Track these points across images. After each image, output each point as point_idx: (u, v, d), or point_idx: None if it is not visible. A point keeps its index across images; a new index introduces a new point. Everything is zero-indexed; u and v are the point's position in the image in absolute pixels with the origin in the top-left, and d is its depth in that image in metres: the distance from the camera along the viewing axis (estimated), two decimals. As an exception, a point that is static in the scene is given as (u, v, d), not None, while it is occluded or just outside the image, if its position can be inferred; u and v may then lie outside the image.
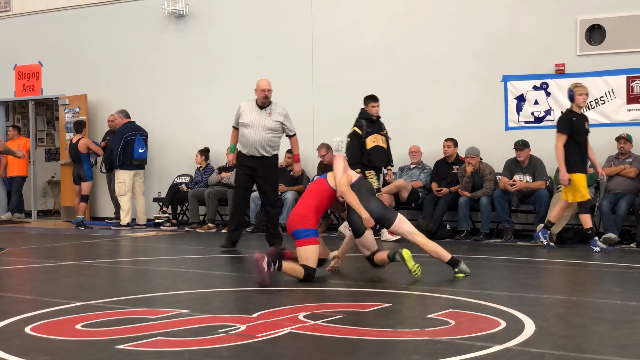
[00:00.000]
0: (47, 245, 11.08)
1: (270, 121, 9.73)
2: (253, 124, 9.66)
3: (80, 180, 13.88)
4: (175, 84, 14.30)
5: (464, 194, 11.14)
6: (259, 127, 9.67)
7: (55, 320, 5.53)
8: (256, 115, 9.71)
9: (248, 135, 9.67)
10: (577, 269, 8.44)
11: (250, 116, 9.70)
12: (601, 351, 4.51)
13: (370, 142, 10.94)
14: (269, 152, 9.80)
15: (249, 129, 9.65)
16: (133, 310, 5.87)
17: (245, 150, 9.75)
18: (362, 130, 10.96)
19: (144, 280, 7.90)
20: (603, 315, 5.62)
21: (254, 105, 9.79)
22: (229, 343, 4.75)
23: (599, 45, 11.16)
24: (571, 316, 5.59)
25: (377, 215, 7.34)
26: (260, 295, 6.64)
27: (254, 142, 9.67)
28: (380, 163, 11.07)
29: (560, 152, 9.55)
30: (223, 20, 14.06)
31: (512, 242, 10.62)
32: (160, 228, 13.44)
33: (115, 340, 4.83)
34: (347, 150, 11.04)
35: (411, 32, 12.41)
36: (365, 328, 5.17)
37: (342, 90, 12.84)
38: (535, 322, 5.20)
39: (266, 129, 9.69)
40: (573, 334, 4.96)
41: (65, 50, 15.63)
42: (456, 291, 6.58)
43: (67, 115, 15.34)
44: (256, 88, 9.82)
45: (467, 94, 11.88)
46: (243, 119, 9.71)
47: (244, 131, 9.70)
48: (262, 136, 9.68)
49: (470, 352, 4.43)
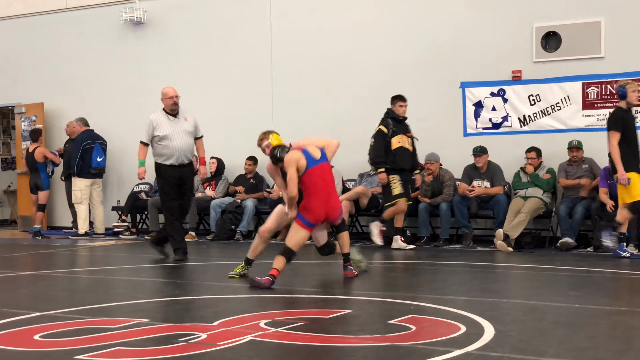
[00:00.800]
0: (3, 256, 10.92)
1: (189, 125, 9.67)
2: (174, 133, 9.52)
3: (37, 189, 13.72)
4: (134, 92, 14.20)
5: (423, 200, 11.20)
6: (181, 134, 9.56)
7: (13, 331, 5.46)
8: (173, 124, 9.56)
9: (173, 146, 9.50)
10: (535, 274, 8.52)
11: (167, 127, 9.52)
12: (560, 354, 4.56)
13: (396, 143, 10.56)
14: (190, 158, 9.74)
15: (171, 139, 9.49)
16: (92, 320, 5.81)
17: (171, 160, 9.54)
18: (389, 130, 10.60)
19: (103, 289, 7.83)
20: (561, 318, 5.68)
21: (165, 115, 9.61)
22: (189, 352, 4.72)
23: (554, 51, 11.30)
24: (530, 320, 5.64)
25: None
26: (221, 303, 6.62)
27: (180, 151, 9.55)
28: (405, 165, 10.62)
29: (615, 151, 9.13)
30: (182, 27, 13.99)
31: (471, 247, 10.70)
32: (120, 237, 13.32)
33: (74, 350, 4.78)
34: (372, 150, 10.75)
35: (369, 39, 12.46)
36: (327, 335, 5.17)
37: (301, 99, 12.85)
38: (494, 326, 5.25)
39: (187, 134, 9.62)
40: (532, 337, 5.01)
41: (22, 57, 15.45)
42: (417, 297, 6.61)
43: (24, 123, 15.16)
44: (163, 97, 9.64)
45: (425, 100, 11.95)
46: (160, 132, 9.48)
47: (166, 143, 9.49)
48: (186, 142, 9.60)
49: (431, 357, 4.46)
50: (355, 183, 12.09)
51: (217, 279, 8.11)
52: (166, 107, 9.61)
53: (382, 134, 10.63)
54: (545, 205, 10.72)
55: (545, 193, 10.77)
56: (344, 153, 12.28)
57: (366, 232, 12.49)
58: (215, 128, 13.44)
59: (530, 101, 11.37)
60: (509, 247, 10.16)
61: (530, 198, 10.63)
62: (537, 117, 11.38)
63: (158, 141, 9.52)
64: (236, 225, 12.38)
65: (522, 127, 11.44)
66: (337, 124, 12.47)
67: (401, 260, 9.57)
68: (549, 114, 11.30)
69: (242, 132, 13.03)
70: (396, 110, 10.73)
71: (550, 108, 11.29)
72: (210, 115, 13.54)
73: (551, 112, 11.30)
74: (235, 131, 13.23)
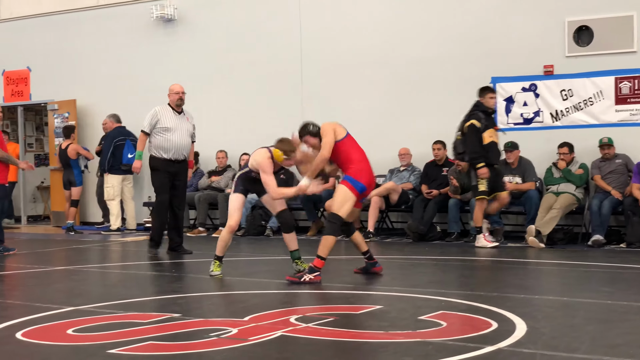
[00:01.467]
0: (37, 251, 11.04)
1: (190, 125, 9.90)
2: (176, 128, 9.69)
3: (70, 185, 13.85)
4: (164, 89, 14.15)
5: (454, 196, 11.15)
6: (183, 131, 9.75)
7: (46, 326, 5.51)
8: (177, 119, 9.74)
9: (173, 140, 9.67)
10: (567, 270, 8.46)
11: (171, 121, 9.69)
12: (592, 351, 4.52)
13: (488, 137, 10.07)
14: (185, 155, 9.88)
15: (173, 133, 9.66)
16: (124, 314, 5.86)
17: (169, 154, 9.70)
18: (481, 124, 10.10)
19: (135, 284, 7.88)
20: (594, 315, 5.64)
21: (171, 110, 9.78)
22: (220, 347, 4.74)
23: (587, 46, 11.20)
24: (562, 316, 5.60)
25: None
26: (252, 298, 6.64)
27: (179, 146, 9.72)
28: (495, 160, 10.22)
29: None
30: (212, 24, 14.05)
31: (502, 243, 10.64)
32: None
33: (106, 344, 4.81)
34: (462, 145, 10.24)
35: (400, 35, 12.42)
36: (357, 330, 5.18)
37: (331, 95, 12.84)
38: (526, 322, 5.22)
39: (188, 133, 9.84)
40: (564, 334, 4.97)
41: (54, 55, 15.59)
42: (447, 293, 6.58)
43: (56, 120, 15.30)
44: (170, 92, 9.85)
45: (456, 96, 11.88)
46: (164, 124, 9.65)
47: (167, 136, 9.65)
48: (186, 140, 9.79)
49: (462, 354, 4.44)
50: (385, 179, 12.06)
51: (248, 274, 8.14)
52: (172, 102, 9.81)
53: (474, 128, 10.05)
54: (578, 201, 10.63)
55: (578, 189, 10.67)
56: (374, 149, 12.31)
57: (396, 228, 12.49)
58: (243, 125, 13.53)
59: (563, 96, 11.28)
60: (540, 243, 10.08)
61: (563, 194, 10.54)
62: (569, 112, 11.28)
63: (161, 132, 9.66)
64: (266, 221, 12.42)
65: (554, 122, 11.36)
66: (366, 120, 12.45)
67: (431, 257, 9.54)
68: (581, 109, 11.20)
69: (271, 128, 13.03)
70: (486, 102, 10.22)
71: (583, 103, 11.19)
72: (239, 112, 13.64)
73: (583, 107, 11.20)
74: (264, 128, 13.23)
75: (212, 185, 13.26)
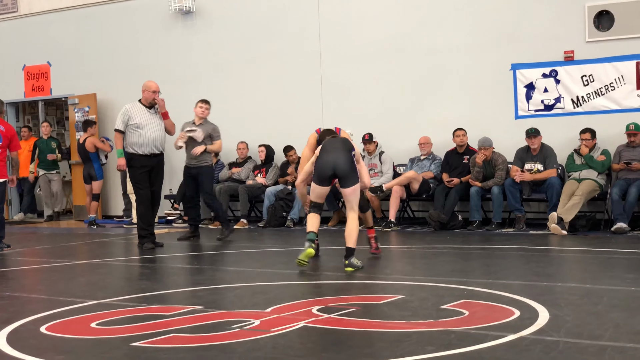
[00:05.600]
0: (60, 245, 11.11)
1: (160, 121, 10.10)
2: (148, 123, 9.93)
3: (91, 179, 13.90)
4: (183, 81, 14.29)
5: (475, 184, 11.11)
6: (154, 126, 9.98)
7: (70, 319, 5.56)
8: (148, 115, 9.98)
9: (146, 135, 9.90)
10: (590, 257, 8.42)
11: (142, 117, 9.94)
12: (616, 338, 4.50)
13: None
14: (160, 149, 10.09)
15: (145, 129, 9.89)
16: (147, 307, 5.89)
17: (143, 149, 9.93)
18: None
19: (157, 277, 7.93)
20: (617, 302, 5.60)
21: (141, 106, 10.02)
22: (243, 338, 4.76)
23: (607, 31, 11.09)
24: (585, 304, 5.57)
25: (342, 173, 7.57)
26: (274, 290, 6.65)
27: (153, 141, 9.95)
28: None
29: None
30: (230, 16, 14.05)
31: (524, 231, 10.59)
32: (172, 225, 13.46)
33: (130, 337, 4.85)
34: None
35: (419, 23, 12.37)
36: (380, 320, 5.17)
37: (351, 85, 12.82)
38: (549, 310, 5.20)
39: (160, 127, 10.04)
40: (587, 321, 4.95)
41: (74, 49, 15.65)
42: (469, 281, 6.57)
43: (77, 114, 15.37)
44: (145, 89, 10.05)
45: (476, 83, 11.85)
46: (135, 121, 9.89)
47: (139, 132, 9.88)
48: (158, 134, 10.02)
49: (484, 342, 4.43)
50: (406, 168, 12.04)
51: (269, 265, 8.15)
52: (145, 100, 10.05)
53: None
54: (600, 188, 10.54)
55: (600, 175, 10.58)
56: (395, 138, 12.32)
57: (418, 217, 12.47)
58: (263, 116, 13.53)
59: (584, 82, 11.20)
60: (563, 230, 10.03)
61: (585, 180, 10.46)
62: (591, 98, 11.19)
63: (133, 129, 9.90)
64: (287, 212, 12.43)
65: (575, 108, 11.28)
66: (386, 109, 12.44)
67: (453, 245, 9.52)
68: (602, 94, 11.11)
69: (291, 119, 13.07)
70: None
71: (604, 88, 11.10)
72: (258, 103, 13.64)
73: (605, 92, 11.11)
74: (285, 119, 13.26)
75: (232, 177, 13.28)
